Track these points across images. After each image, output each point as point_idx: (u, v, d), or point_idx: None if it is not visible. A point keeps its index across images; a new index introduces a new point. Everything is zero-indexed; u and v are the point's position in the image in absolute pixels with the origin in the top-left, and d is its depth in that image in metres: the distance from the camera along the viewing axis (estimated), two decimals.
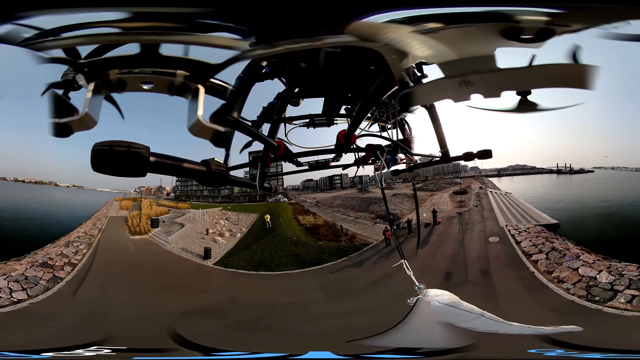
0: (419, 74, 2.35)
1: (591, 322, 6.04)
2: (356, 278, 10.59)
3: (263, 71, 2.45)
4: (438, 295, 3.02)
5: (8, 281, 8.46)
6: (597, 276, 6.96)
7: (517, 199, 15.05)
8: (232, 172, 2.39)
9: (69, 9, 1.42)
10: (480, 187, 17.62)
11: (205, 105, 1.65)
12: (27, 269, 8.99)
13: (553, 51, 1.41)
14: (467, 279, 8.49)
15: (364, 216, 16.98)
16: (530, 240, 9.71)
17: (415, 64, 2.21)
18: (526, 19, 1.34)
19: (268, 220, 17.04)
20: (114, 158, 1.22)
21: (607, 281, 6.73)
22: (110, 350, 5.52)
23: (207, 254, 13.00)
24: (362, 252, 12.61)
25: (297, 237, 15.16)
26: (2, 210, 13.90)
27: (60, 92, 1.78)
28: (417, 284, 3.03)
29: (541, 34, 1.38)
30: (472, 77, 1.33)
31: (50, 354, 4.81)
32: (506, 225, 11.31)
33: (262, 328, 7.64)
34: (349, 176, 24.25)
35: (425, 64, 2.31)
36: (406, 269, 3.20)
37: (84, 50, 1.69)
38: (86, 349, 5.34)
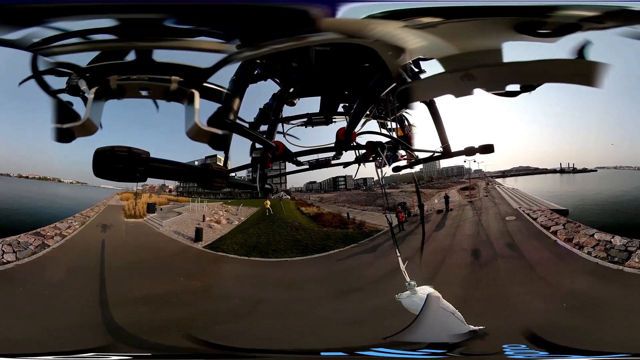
0: (416, 70, 2.37)
1: (617, 281, 6.37)
2: (369, 266, 9.40)
3: (255, 73, 2.48)
4: (425, 291, 3.05)
5: (2, 244, 9.05)
6: (612, 240, 7.51)
7: (524, 192, 15.39)
8: (233, 174, 2.50)
9: (67, 17, 1.48)
10: (487, 184, 17.94)
11: (202, 109, 1.69)
12: (20, 235, 9.73)
13: (562, 46, 1.40)
14: (496, 254, 8.50)
15: (372, 209, 16.89)
16: (546, 216, 10.14)
17: (412, 60, 2.20)
18: (561, 13, 1.31)
19: (268, 206, 16.26)
20: (115, 163, 1.26)
21: (621, 243, 7.29)
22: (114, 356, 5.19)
23: (198, 235, 12.37)
24: (374, 239, 11.91)
25: (299, 222, 14.38)
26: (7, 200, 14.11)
27: (64, 97, 1.84)
28: (408, 280, 3.05)
29: (561, 29, 1.34)
30: (475, 70, 1.30)
31: (50, 357, 4.62)
32: (519, 207, 11.50)
33: (226, 331, 6.09)
34: (354, 178, 24.42)
35: (424, 59, 2.32)
36: (400, 264, 3.18)
37: (87, 57, 1.75)
38: (87, 354, 5.06)
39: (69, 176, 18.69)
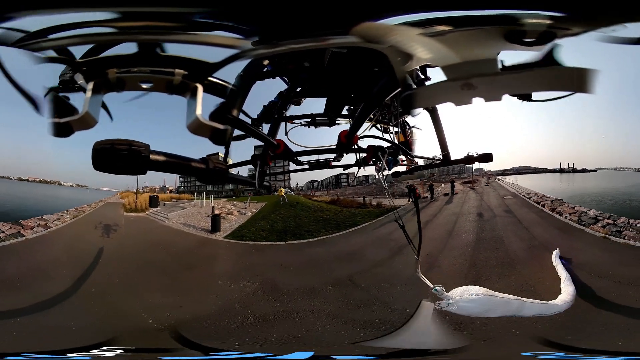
0: (422, 77, 2.52)
1: (576, 236, 8.61)
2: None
3: (265, 70, 2.58)
4: (466, 292, 3.03)
5: None
6: (588, 211, 9.70)
7: (523, 186, 17.37)
8: (233, 170, 2.62)
9: (66, 8, 1.50)
10: (488, 178, 19.87)
11: (205, 103, 1.75)
12: None
13: (554, 54, 1.48)
14: (494, 214, 11.33)
15: (382, 196, 18.48)
16: (538, 196, 12.54)
17: (419, 67, 2.33)
18: (530, 22, 1.41)
19: (283, 194, 16.55)
20: (114, 156, 1.32)
21: (594, 214, 9.37)
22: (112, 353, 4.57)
23: (215, 224, 11.03)
24: (397, 212, 12.71)
25: (320, 205, 15.15)
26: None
27: (59, 92, 1.89)
28: (433, 286, 2.95)
29: (543, 37, 1.44)
30: (474, 80, 1.40)
31: (50, 357, 4.32)
32: (517, 192, 13.47)
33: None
34: (356, 176, 25.87)
35: (430, 66, 2.44)
36: (419, 274, 3.06)
37: (81, 50, 1.79)
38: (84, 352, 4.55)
39: (69, 179, 18.94)
